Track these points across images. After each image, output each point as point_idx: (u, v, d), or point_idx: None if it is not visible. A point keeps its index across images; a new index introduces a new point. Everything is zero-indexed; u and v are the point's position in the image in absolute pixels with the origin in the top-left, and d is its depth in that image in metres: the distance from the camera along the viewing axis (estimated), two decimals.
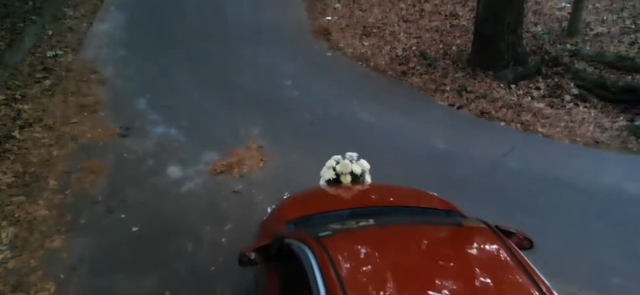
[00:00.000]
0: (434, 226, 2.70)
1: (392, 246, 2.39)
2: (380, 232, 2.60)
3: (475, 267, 2.16)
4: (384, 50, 7.76)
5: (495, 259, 2.21)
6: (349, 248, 2.33)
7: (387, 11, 9.18)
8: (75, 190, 4.54)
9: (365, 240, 2.45)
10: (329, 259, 2.14)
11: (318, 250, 2.21)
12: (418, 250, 2.38)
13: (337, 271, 2.07)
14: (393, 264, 2.21)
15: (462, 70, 6.92)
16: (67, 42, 7.31)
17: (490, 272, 2.14)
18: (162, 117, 5.77)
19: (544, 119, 5.86)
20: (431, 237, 2.53)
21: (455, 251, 2.36)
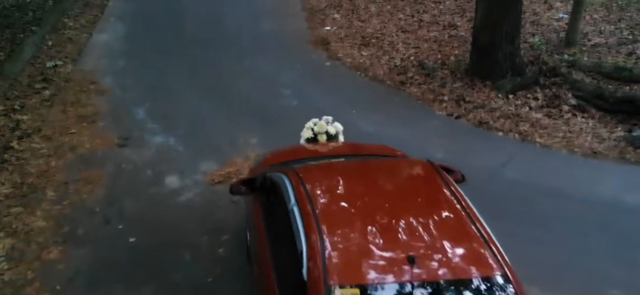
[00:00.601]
0: (385, 160, 3.53)
1: (350, 172, 3.22)
2: (342, 164, 3.53)
3: (413, 190, 2.98)
4: (383, 60, 7.82)
5: (431, 182, 2.95)
6: (316, 173, 3.12)
7: (385, 22, 9.25)
8: (73, 201, 4.55)
9: (330, 168, 3.35)
10: (299, 179, 2.80)
11: (292, 174, 2.89)
12: (369, 174, 3.17)
13: (305, 186, 2.72)
14: (349, 182, 3.00)
15: (460, 80, 6.96)
16: (66, 53, 7.37)
17: (425, 191, 2.94)
18: (160, 126, 5.80)
19: (542, 129, 5.88)
20: (381, 166, 3.34)
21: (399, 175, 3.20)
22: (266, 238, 2.97)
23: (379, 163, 3.46)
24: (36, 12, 8.59)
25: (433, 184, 2.91)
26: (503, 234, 4.30)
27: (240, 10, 9.22)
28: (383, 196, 2.87)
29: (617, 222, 4.44)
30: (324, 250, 2.30)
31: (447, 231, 2.54)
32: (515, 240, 4.24)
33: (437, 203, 2.76)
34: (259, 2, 9.67)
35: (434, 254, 2.33)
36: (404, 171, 3.27)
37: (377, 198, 2.83)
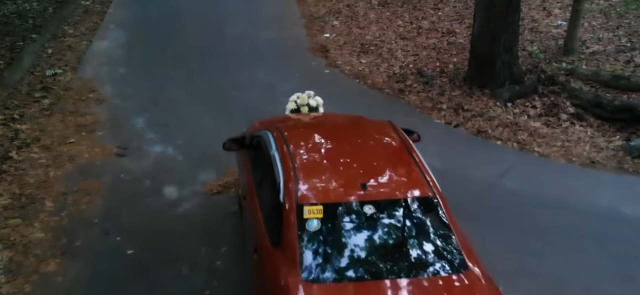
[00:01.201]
0: (353, 120, 4.39)
1: (323, 128, 4.06)
2: (316, 123, 4.34)
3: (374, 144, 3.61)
4: (382, 67, 7.82)
5: (388, 136, 3.58)
6: (293, 128, 3.87)
7: (384, 29, 9.26)
8: (71, 212, 4.54)
9: (306, 126, 4.23)
10: (280, 132, 3.50)
11: (274, 129, 3.59)
12: (339, 129, 4.04)
13: (284, 137, 3.42)
14: (321, 134, 3.69)
15: (458, 88, 6.96)
16: (66, 61, 7.38)
17: (382, 142, 3.59)
18: (159, 136, 5.79)
19: (541, 138, 5.87)
20: (349, 124, 4.26)
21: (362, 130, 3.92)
22: (253, 182, 3.63)
23: (348, 122, 4.42)
24: (36, 20, 8.60)
25: (390, 137, 3.58)
26: (501, 245, 4.36)
27: (240, 18, 9.24)
28: (347, 144, 3.63)
29: (615, 235, 4.42)
30: (296, 179, 3.01)
31: (394, 168, 3.25)
32: (514, 252, 4.26)
33: (390, 150, 3.49)
34: (258, 10, 9.69)
35: (381, 182, 3.08)
36: (368, 128, 3.99)
37: (342, 145, 3.61)
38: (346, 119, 4.56)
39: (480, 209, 4.82)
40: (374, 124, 3.99)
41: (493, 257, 4.19)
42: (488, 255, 4.26)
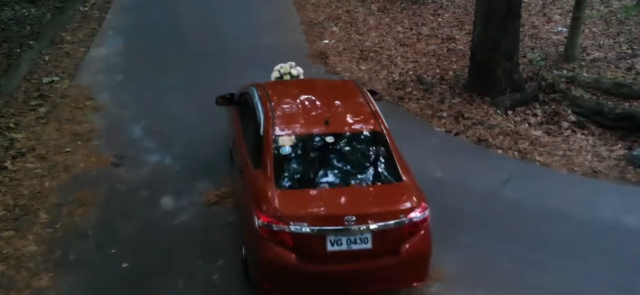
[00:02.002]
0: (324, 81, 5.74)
1: (298, 86, 4.99)
2: (294, 82, 5.22)
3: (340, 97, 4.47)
4: (381, 74, 7.75)
5: (351, 92, 4.55)
6: (274, 85, 4.92)
7: (384, 35, 9.20)
8: (65, 223, 4.46)
9: (285, 84, 5.16)
10: (262, 87, 4.45)
11: (257, 85, 4.52)
12: (311, 86, 4.92)
13: (265, 90, 4.35)
14: (296, 90, 4.60)
15: (459, 95, 6.89)
16: (63, 68, 7.31)
17: (346, 96, 4.49)
18: (156, 144, 5.72)
19: (542, 147, 5.80)
20: (320, 83, 5.48)
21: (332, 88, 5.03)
22: (240, 128, 4.52)
23: (320, 82, 5.73)
24: (34, 26, 8.54)
25: (353, 93, 4.53)
26: (502, 256, 4.28)
27: (239, 24, 9.17)
28: (317, 96, 4.40)
29: (618, 246, 4.35)
30: (273, 117, 3.96)
31: (353, 113, 4.19)
32: (516, 263, 4.18)
33: (351, 101, 4.39)
34: (257, 16, 9.62)
35: (341, 121, 4.06)
36: (336, 86, 5.27)
37: (313, 97, 4.37)
38: (319, 80, 6.01)
39: (480, 219, 4.75)
40: (341, 83, 5.69)
41: (494, 268, 4.16)
42: (488, 266, 4.23)
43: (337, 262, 3.41)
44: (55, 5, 9.42)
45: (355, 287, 3.54)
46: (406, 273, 3.53)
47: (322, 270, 3.41)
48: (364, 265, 3.43)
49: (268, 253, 3.38)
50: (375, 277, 3.47)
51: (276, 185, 3.54)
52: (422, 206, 3.51)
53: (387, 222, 3.39)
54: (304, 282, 3.44)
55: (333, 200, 3.60)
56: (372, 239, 3.38)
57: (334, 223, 3.36)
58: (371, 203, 3.57)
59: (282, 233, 3.36)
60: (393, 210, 3.47)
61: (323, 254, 3.37)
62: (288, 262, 3.35)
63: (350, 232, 3.35)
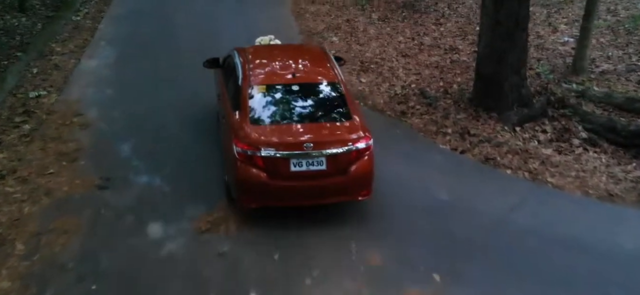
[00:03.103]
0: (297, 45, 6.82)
1: (273, 50, 5.84)
2: (271, 46, 6.15)
3: (307, 58, 5.39)
4: (383, 87, 7.41)
5: (318, 55, 5.44)
6: (252, 49, 5.60)
7: (385, 45, 8.87)
8: (44, 255, 4.10)
9: (262, 48, 6.00)
10: (243, 50, 5.32)
11: (239, 49, 5.36)
12: (285, 51, 5.82)
13: (245, 53, 5.20)
14: (271, 53, 5.56)
15: (464, 110, 6.55)
16: (51, 81, 6.95)
17: (313, 58, 5.39)
18: (146, 164, 5.36)
19: (553, 167, 5.45)
20: (293, 48, 6.42)
21: (302, 51, 6.03)
22: (224, 85, 5.26)
23: (292, 46, 6.67)
24: (24, 36, 8.20)
25: (319, 55, 5.44)
26: (513, 291, 3.91)
27: (236, 34, 8.80)
28: (288, 57, 5.35)
29: (637, 279, 3.99)
30: (250, 71, 4.81)
31: (317, 69, 5.10)
32: None
33: (317, 61, 5.26)
34: (254, 26, 9.26)
35: (306, 74, 4.98)
36: (305, 50, 6.33)
37: (284, 57, 5.36)
38: (290, 45, 6.78)
39: (489, 248, 4.39)
40: (310, 47, 6.85)
41: None
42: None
43: (299, 180, 4.33)
44: (47, 15, 9.09)
45: (313, 199, 4.50)
46: (353, 189, 4.49)
47: (286, 186, 4.33)
48: (320, 182, 4.36)
49: (244, 173, 4.30)
50: (329, 191, 4.42)
51: (250, 122, 4.46)
52: (366, 137, 4.45)
53: (338, 149, 4.33)
54: (272, 195, 4.37)
55: (296, 132, 4.48)
56: (326, 161, 4.31)
57: (296, 149, 4.28)
58: (326, 135, 4.46)
59: (255, 157, 4.27)
60: (343, 139, 4.39)
61: (287, 173, 4.29)
62: (260, 180, 4.28)
63: (309, 156, 4.27)
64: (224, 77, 5.41)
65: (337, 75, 4.92)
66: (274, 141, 4.30)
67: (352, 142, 4.36)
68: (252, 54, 5.31)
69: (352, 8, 10.64)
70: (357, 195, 4.54)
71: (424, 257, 4.26)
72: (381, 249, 4.33)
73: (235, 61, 5.13)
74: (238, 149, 4.29)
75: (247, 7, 9.97)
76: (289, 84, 4.74)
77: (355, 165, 4.37)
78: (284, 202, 4.47)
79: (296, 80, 4.77)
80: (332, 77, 4.87)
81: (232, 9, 9.92)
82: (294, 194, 4.36)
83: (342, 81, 4.87)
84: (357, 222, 4.66)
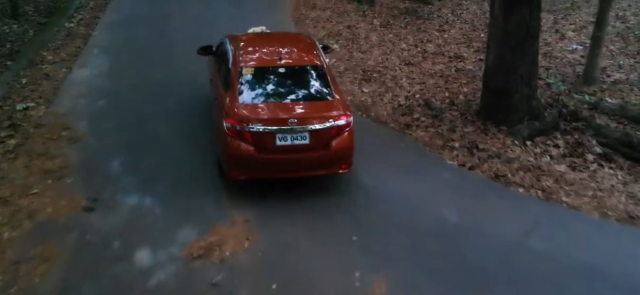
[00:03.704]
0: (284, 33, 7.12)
1: (263, 37, 6.08)
2: (261, 34, 6.28)
3: (294, 45, 5.72)
4: (386, 98, 7.06)
5: (305, 42, 5.77)
6: (243, 36, 5.79)
7: (387, 53, 8.53)
8: (22, 287, 3.73)
9: (253, 36, 6.11)
10: (234, 37, 5.62)
11: (230, 36, 5.67)
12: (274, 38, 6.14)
13: (236, 39, 5.52)
14: (261, 40, 5.87)
15: (471, 123, 6.20)
16: (41, 92, 6.60)
17: (299, 45, 5.67)
18: (136, 183, 5.00)
19: (568, 185, 5.09)
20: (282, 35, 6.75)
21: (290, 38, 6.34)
22: (217, 70, 5.49)
23: (280, 34, 6.90)
24: (15, 44, 7.85)
25: (305, 42, 5.75)
26: None
27: None
28: (276, 43, 5.62)
29: None
30: (239, 55, 5.13)
31: (302, 54, 5.37)
32: None
33: (302, 47, 5.54)
34: None
35: (291, 58, 5.26)
36: (292, 37, 6.59)
37: (273, 44, 5.59)
38: (279, 33, 7.05)
39: (506, 278, 4.02)
40: (296, 34, 7.21)
41: None
42: None
43: (284, 153, 4.61)
44: (40, 21, 8.75)
45: (297, 171, 4.75)
46: (335, 162, 4.77)
47: (273, 158, 4.61)
48: (303, 156, 4.63)
49: (234, 147, 4.58)
50: (312, 164, 4.69)
51: (239, 100, 4.75)
52: (346, 115, 4.76)
53: (320, 125, 4.62)
54: (260, 167, 4.64)
55: (281, 109, 4.77)
56: (309, 136, 4.60)
57: (281, 124, 4.56)
58: (309, 112, 4.73)
59: (243, 132, 4.55)
60: (325, 116, 4.69)
61: (273, 147, 4.57)
62: (248, 153, 4.56)
63: (293, 131, 4.56)
64: (216, 62, 5.75)
65: (321, 59, 5.27)
66: (261, 117, 4.63)
67: (333, 119, 4.69)
68: (243, 40, 5.64)
69: (353, 14, 10.31)
70: (338, 169, 4.84)
71: (435, 288, 3.91)
72: (387, 278, 3.98)
73: (226, 47, 5.50)
74: (228, 124, 4.61)
75: (245, 13, 9.62)
76: (276, 66, 5.10)
77: (336, 140, 4.71)
78: (270, 173, 4.75)
79: (283, 64, 5.12)
80: (316, 61, 5.21)
81: (230, 14, 9.58)
82: (279, 166, 4.67)
83: (326, 65, 5.23)
84: (360, 248, 4.30)
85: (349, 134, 4.74)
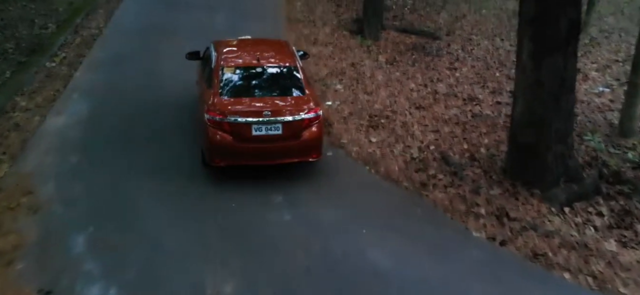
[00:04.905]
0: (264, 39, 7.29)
1: (245, 43, 6.45)
2: (243, 39, 6.71)
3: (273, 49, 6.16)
4: (396, 149, 6.16)
5: (283, 47, 6.26)
6: (229, 42, 6.33)
7: (395, 94, 7.69)
8: None
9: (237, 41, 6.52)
10: (218, 43, 6.12)
11: (215, 42, 6.14)
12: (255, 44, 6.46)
13: (220, 45, 6.02)
14: (243, 46, 6.27)
15: (498, 184, 5.28)
16: (7, 146, 5.67)
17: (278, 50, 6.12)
18: (102, 266, 4.04)
19: (624, 270, 4.12)
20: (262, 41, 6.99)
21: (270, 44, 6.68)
22: (202, 72, 6.00)
23: (260, 40, 7.05)
24: None
25: (283, 47, 6.27)
26: None
27: None
28: (256, 47, 6.14)
29: None
30: (222, 57, 5.63)
31: (279, 57, 5.84)
32: None
33: (281, 51, 6.04)
34: None
35: (270, 60, 5.70)
36: (272, 42, 6.89)
37: (254, 49, 6.08)
38: (259, 39, 7.06)
39: None
40: (276, 40, 7.21)
41: None
42: None
43: (259, 142, 5.04)
44: (20, 60, 7.90)
45: (272, 159, 5.17)
46: (305, 151, 5.20)
47: (249, 147, 5.05)
48: (277, 145, 5.07)
49: (214, 136, 5.00)
50: (285, 152, 5.13)
51: (220, 95, 5.16)
52: (316, 109, 5.19)
53: (292, 117, 5.06)
54: (238, 155, 5.07)
55: (257, 103, 5.19)
56: (282, 127, 5.03)
57: (256, 116, 5.01)
58: (282, 105, 5.16)
59: (222, 123, 4.98)
60: (296, 109, 5.12)
61: (250, 137, 5.02)
62: (227, 142, 5.00)
63: (268, 122, 5.00)
64: (202, 65, 6.16)
65: (296, 61, 5.76)
66: (238, 110, 5.07)
67: (303, 112, 5.15)
68: (226, 44, 6.13)
69: (357, 50, 9.51)
70: (308, 157, 5.30)
71: None
72: None
73: (211, 51, 5.93)
74: (209, 116, 5.04)
75: None
76: (254, 66, 5.57)
77: (307, 131, 5.17)
78: (247, 161, 5.16)
79: (260, 64, 5.57)
80: (291, 62, 5.68)
81: None
82: (255, 154, 5.12)
83: (300, 66, 5.69)
84: None
85: (318, 126, 5.23)
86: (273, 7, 11.38)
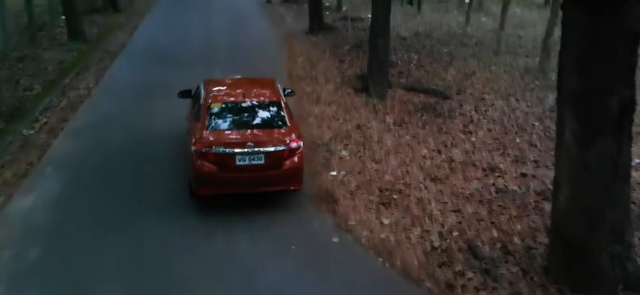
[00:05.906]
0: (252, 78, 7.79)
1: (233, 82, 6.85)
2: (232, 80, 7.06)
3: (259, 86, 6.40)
4: (413, 234, 5.23)
5: (269, 85, 6.44)
6: (218, 81, 6.77)
7: (407, 162, 6.84)
8: None
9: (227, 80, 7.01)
10: (208, 82, 6.43)
11: (206, 81, 6.45)
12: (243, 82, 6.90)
13: (209, 84, 6.31)
14: (231, 85, 6.58)
15: (541, 288, 4.28)
16: None
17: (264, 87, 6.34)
18: None
19: None
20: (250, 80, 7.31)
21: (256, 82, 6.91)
22: (192, 108, 6.30)
23: (248, 78, 7.62)
24: None
25: (269, 84, 6.45)
26: None
27: None
28: (243, 85, 6.46)
29: None
30: (210, 95, 5.88)
31: (264, 93, 6.09)
32: None
33: (266, 89, 6.24)
34: None
35: (254, 96, 5.97)
36: (259, 81, 7.12)
37: (241, 86, 6.32)
38: (247, 78, 7.78)
39: None
40: (263, 79, 7.25)
41: None
42: None
43: (243, 172, 5.36)
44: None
45: (255, 187, 5.49)
46: (287, 180, 5.54)
47: (233, 176, 5.35)
48: (260, 174, 5.40)
49: (200, 167, 5.28)
50: (268, 181, 5.45)
51: (206, 129, 5.49)
52: (297, 140, 5.56)
53: (274, 147, 5.41)
54: (222, 184, 5.36)
55: (241, 135, 5.53)
56: (264, 158, 5.37)
57: (240, 147, 5.33)
58: (265, 137, 5.52)
59: (208, 153, 5.28)
60: (278, 141, 5.49)
61: (234, 167, 5.32)
62: (212, 171, 5.28)
63: (251, 153, 5.33)
64: (192, 102, 6.45)
65: (280, 96, 6.05)
66: (223, 141, 5.33)
67: (285, 143, 5.43)
68: (215, 83, 6.45)
69: (362, 109, 8.78)
70: (290, 185, 5.56)
71: None
72: None
73: (200, 88, 6.23)
74: (195, 147, 5.28)
75: None
76: (240, 102, 5.84)
77: (288, 161, 5.43)
78: (231, 189, 5.38)
79: (246, 100, 5.86)
80: (275, 98, 5.96)
81: None
82: (239, 183, 5.34)
83: (283, 101, 5.99)
84: None
85: (299, 157, 5.52)
86: (274, 63, 10.84)
